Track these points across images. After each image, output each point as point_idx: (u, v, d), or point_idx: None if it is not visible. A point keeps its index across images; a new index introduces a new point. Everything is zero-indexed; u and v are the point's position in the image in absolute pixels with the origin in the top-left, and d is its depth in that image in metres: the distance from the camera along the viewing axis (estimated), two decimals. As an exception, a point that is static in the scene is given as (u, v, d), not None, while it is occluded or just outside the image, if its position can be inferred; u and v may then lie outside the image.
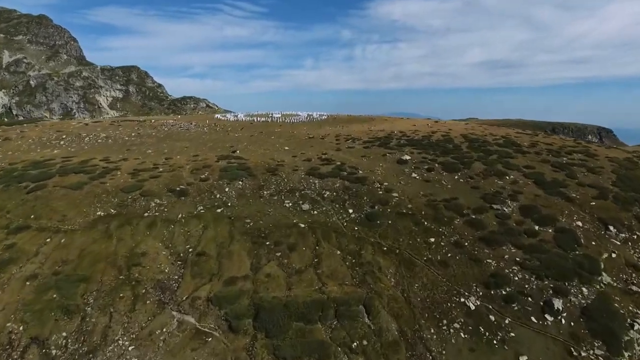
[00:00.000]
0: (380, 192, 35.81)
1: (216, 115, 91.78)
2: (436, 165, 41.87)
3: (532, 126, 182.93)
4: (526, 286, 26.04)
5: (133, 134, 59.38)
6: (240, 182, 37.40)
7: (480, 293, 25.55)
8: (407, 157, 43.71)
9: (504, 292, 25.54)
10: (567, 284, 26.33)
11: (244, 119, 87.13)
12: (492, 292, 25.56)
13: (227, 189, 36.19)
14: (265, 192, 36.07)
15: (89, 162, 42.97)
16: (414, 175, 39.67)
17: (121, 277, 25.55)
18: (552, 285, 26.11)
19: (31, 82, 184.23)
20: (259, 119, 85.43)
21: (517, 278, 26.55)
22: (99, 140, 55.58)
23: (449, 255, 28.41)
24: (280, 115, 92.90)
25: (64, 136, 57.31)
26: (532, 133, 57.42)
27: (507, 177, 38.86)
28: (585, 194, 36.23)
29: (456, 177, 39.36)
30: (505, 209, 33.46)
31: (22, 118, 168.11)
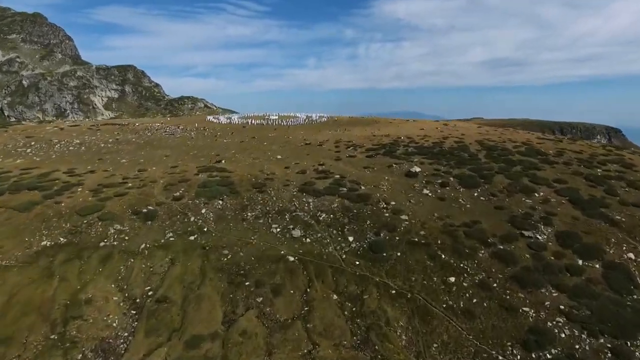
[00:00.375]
0: (387, 214, 29.98)
1: (208, 118, 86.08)
2: (451, 179, 35.96)
3: (538, 126, 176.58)
4: (577, 347, 20.14)
5: (110, 140, 53.69)
6: (221, 201, 31.65)
7: (519, 357, 19.68)
8: (417, 169, 37.82)
9: (549, 356, 19.67)
10: (628, 343, 20.42)
11: (237, 121, 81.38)
12: (534, 356, 19.69)
13: (204, 210, 30.44)
14: (249, 214, 30.31)
15: (49, 175, 37.31)
16: (425, 191, 33.79)
17: (53, 336, 19.83)
18: (609, 345, 20.20)
19: (24, 82, 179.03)
20: (254, 121, 79.69)
21: (563, 335, 20.65)
22: (71, 148, 49.92)
23: (475, 300, 22.53)
24: (277, 117, 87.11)
25: (32, 143, 51.67)
26: (554, 138, 51.49)
27: (537, 194, 32.92)
28: (631, 215, 30.23)
29: (476, 194, 33.45)
30: (538, 236, 27.54)
31: (13, 119, 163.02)
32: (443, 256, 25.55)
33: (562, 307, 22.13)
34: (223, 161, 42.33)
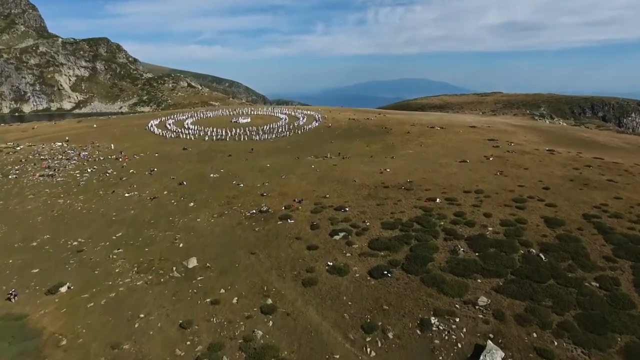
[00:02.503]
0: None
1: (150, 124, 62.37)
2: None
3: (567, 103, 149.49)
4: None
5: None
6: None
7: None
8: (498, 357, 14.93)
9: None
10: None
11: (190, 130, 57.69)
12: None
13: None
14: None
15: None
16: None
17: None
18: None
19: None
20: (214, 132, 55.87)
21: None
22: None
23: None
24: (248, 121, 63.41)
25: None
26: None
27: None
28: None
29: None
30: None
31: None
32: None
33: None
34: (59, 297, 19.73)
